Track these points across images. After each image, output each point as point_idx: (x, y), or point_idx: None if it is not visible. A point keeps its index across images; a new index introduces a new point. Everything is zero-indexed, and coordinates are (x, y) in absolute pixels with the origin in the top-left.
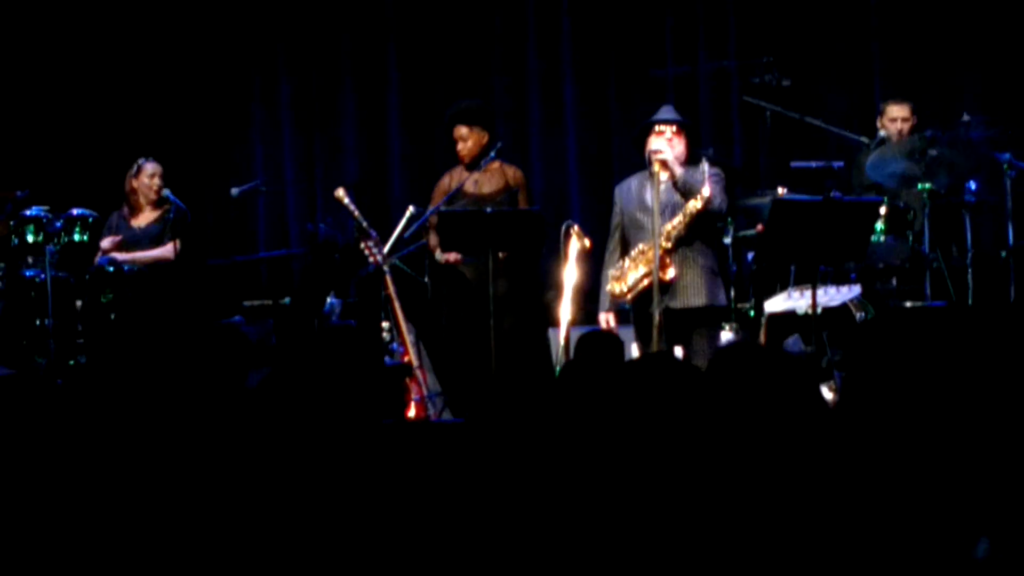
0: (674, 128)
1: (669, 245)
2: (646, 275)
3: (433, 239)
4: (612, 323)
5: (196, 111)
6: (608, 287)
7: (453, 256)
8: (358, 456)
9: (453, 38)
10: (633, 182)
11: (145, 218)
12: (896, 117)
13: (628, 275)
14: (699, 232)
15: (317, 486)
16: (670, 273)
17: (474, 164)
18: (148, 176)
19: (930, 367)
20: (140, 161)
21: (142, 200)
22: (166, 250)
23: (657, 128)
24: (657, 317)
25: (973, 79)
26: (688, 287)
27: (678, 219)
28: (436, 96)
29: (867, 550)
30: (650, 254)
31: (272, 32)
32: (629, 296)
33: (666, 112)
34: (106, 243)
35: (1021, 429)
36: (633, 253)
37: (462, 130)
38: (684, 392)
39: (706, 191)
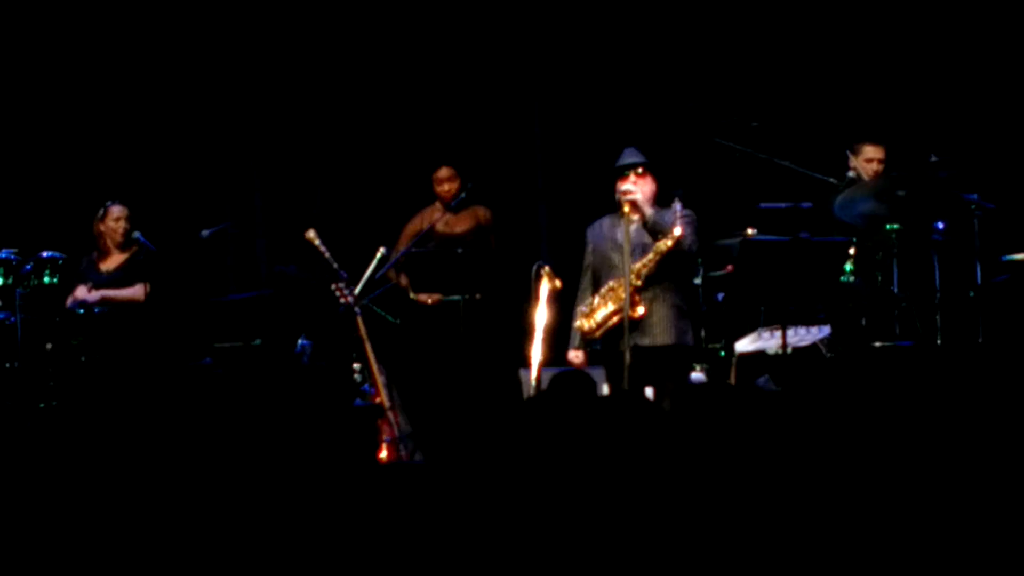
0: (639, 170)
1: (639, 283)
2: (616, 312)
3: (404, 280)
4: (581, 359)
5: (166, 152)
6: (577, 323)
7: (431, 297)
8: (331, 496)
9: (421, 80)
10: (605, 222)
11: (114, 261)
12: (872, 158)
13: (598, 312)
14: (669, 271)
15: (289, 525)
16: (639, 311)
17: (451, 204)
18: (114, 219)
19: (898, 405)
20: (107, 204)
21: (109, 243)
22: (136, 291)
23: (625, 172)
24: (627, 357)
25: (939, 120)
26: (656, 325)
27: (648, 257)
28: (405, 138)
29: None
30: (620, 291)
31: (243, 73)
32: (598, 333)
33: (629, 155)
34: (80, 292)
35: (989, 462)
36: (603, 290)
37: (447, 171)
38: (651, 431)
39: (677, 231)
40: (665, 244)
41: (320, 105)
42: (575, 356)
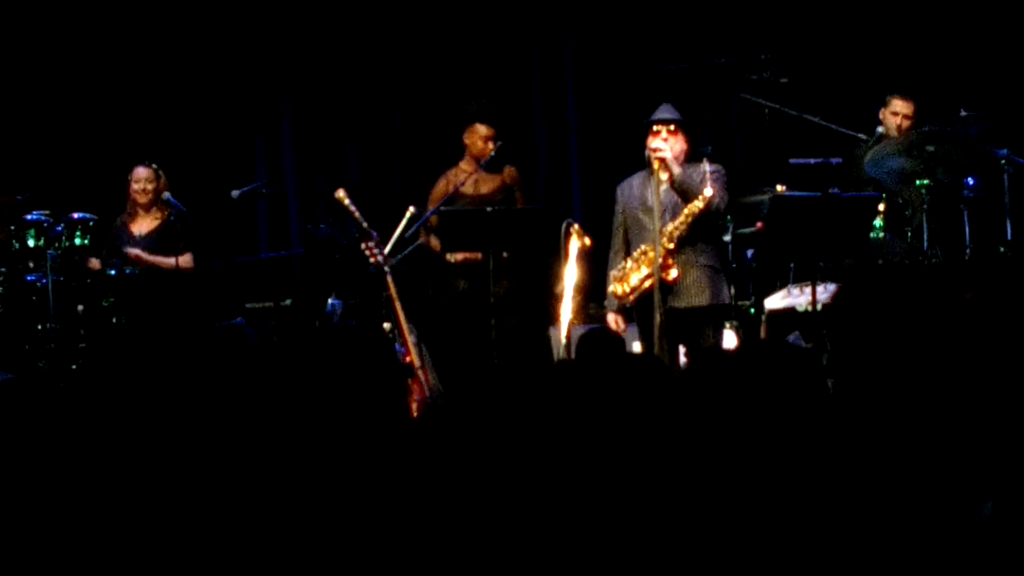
0: (672, 127)
1: (671, 246)
2: (648, 276)
3: (434, 240)
4: (621, 324)
5: (197, 113)
6: (611, 288)
7: (462, 255)
8: (361, 456)
9: (455, 39)
10: (635, 181)
11: (145, 224)
12: (899, 112)
13: (630, 276)
14: (700, 231)
15: (320, 486)
16: (672, 274)
17: (483, 163)
18: (135, 181)
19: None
20: (134, 167)
21: (137, 206)
22: (185, 260)
23: (655, 128)
24: (658, 318)
25: (970, 75)
26: (691, 287)
27: (680, 219)
28: (438, 96)
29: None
30: (652, 255)
31: (276, 34)
32: (632, 297)
33: (664, 111)
34: (94, 262)
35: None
36: (635, 254)
37: (488, 130)
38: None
39: (708, 191)
40: (695, 206)
41: (350, 64)
42: (614, 321)
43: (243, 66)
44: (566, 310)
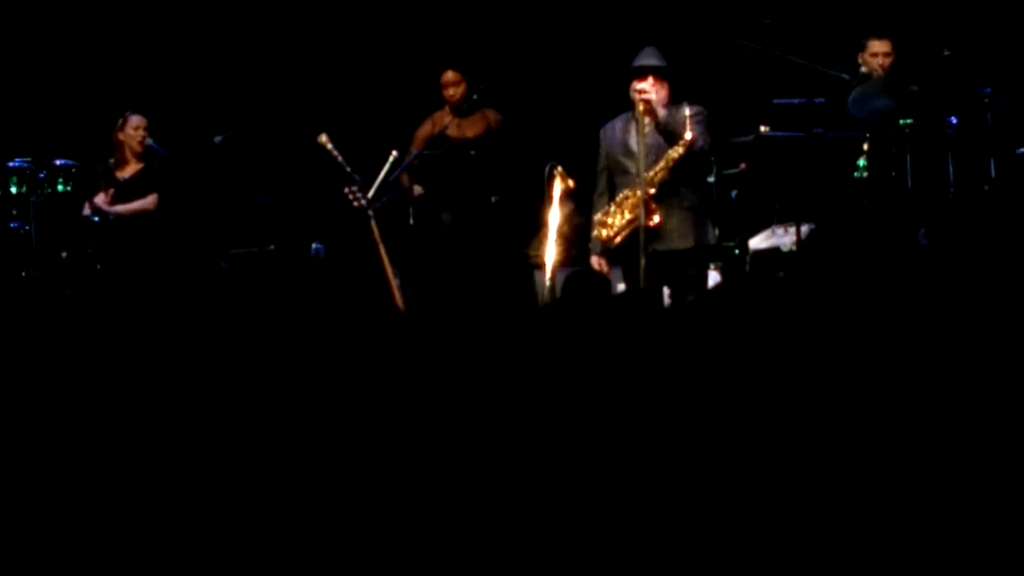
0: (657, 73)
1: (654, 191)
2: (633, 220)
3: (417, 188)
4: (604, 267)
5: (177, 60)
6: (595, 232)
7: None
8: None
9: None
10: (617, 124)
11: (130, 169)
12: (878, 52)
13: (614, 220)
14: (683, 174)
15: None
16: (655, 219)
17: (461, 108)
18: (133, 128)
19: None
20: (126, 113)
21: (128, 152)
22: (147, 202)
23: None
24: (643, 261)
25: (952, 14)
26: (675, 230)
27: (661, 164)
28: (417, 41)
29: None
30: (635, 199)
31: None
32: (616, 240)
33: (649, 54)
34: (99, 198)
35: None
36: (618, 198)
37: (454, 75)
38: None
39: (688, 134)
40: (676, 151)
41: (328, 8)
42: (598, 263)
43: (223, 10)
44: (550, 252)
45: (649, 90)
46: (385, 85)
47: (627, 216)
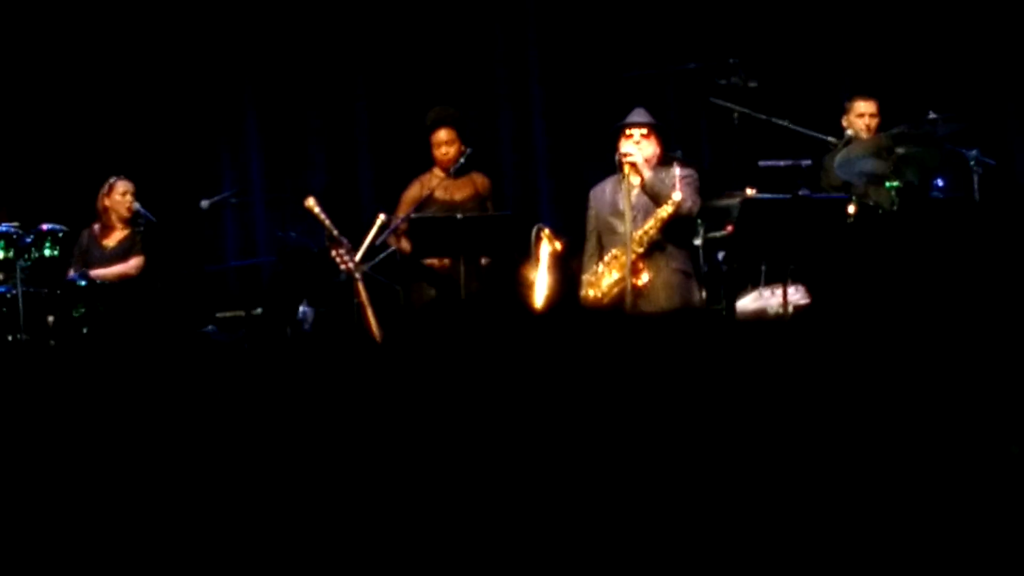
0: (644, 131)
1: (641, 250)
2: (621, 280)
3: (405, 243)
4: None
5: (165, 125)
6: (583, 292)
7: (440, 261)
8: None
9: (419, 46)
10: (607, 186)
11: (115, 237)
12: (864, 112)
13: (602, 280)
14: (671, 235)
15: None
16: (643, 278)
17: (451, 169)
18: (120, 194)
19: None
20: (112, 179)
21: (114, 218)
22: (128, 266)
23: (627, 131)
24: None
25: (937, 76)
26: (661, 291)
27: (650, 223)
28: (403, 104)
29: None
30: (623, 259)
31: (239, 46)
32: (605, 301)
33: (637, 115)
34: (71, 275)
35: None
36: (607, 258)
37: (447, 134)
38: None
39: (676, 195)
40: (666, 210)
41: (317, 72)
42: None
43: (207, 76)
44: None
45: (632, 150)
46: (373, 148)
47: (615, 275)
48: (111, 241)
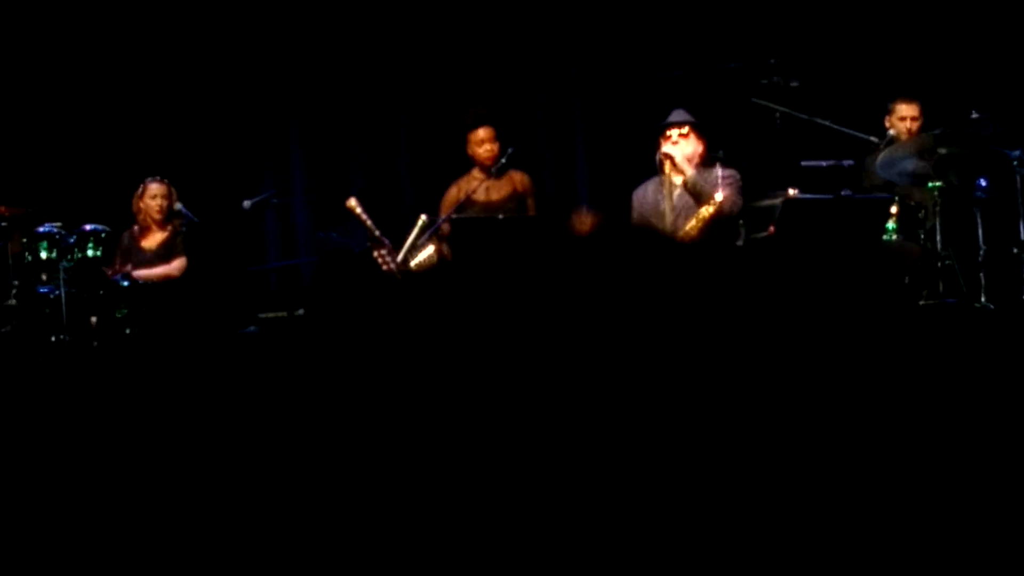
0: (684, 130)
1: None
2: None
3: (447, 248)
4: None
5: (207, 126)
6: None
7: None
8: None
9: (460, 46)
10: (649, 187)
11: (156, 238)
12: (905, 116)
13: None
14: (713, 236)
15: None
16: None
17: (492, 168)
18: (151, 196)
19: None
20: (145, 181)
21: (149, 219)
22: (171, 267)
23: (667, 132)
24: None
25: (980, 76)
26: None
27: (691, 223)
28: (444, 104)
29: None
30: None
31: (282, 49)
32: None
33: (676, 115)
34: (136, 272)
35: None
36: None
37: (488, 132)
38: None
39: (718, 196)
40: (707, 210)
41: (358, 73)
42: None
43: (249, 78)
44: None
45: (672, 150)
46: (413, 148)
47: None
48: (150, 242)
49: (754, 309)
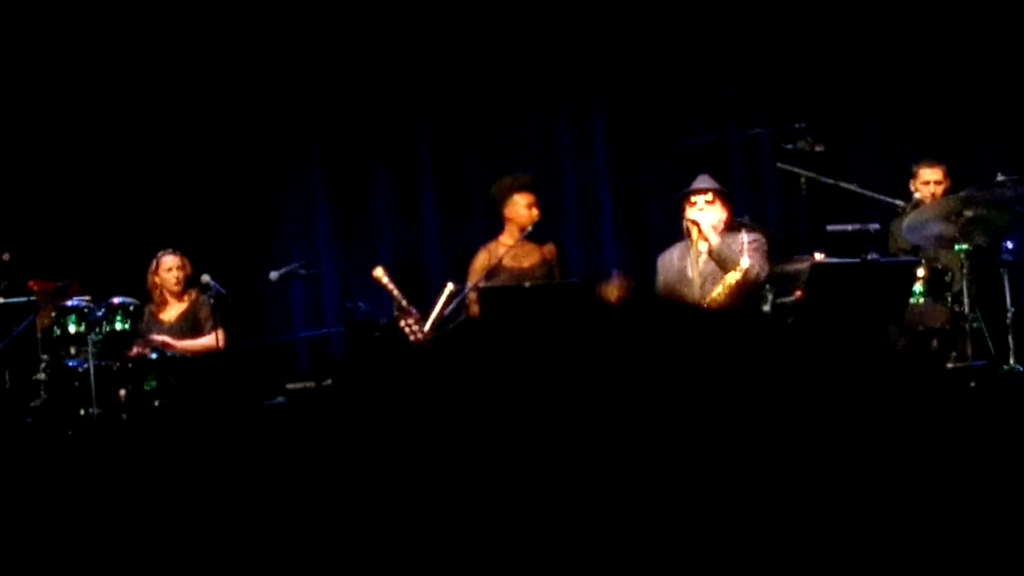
0: (708, 197)
1: None
2: None
3: (476, 308)
4: None
5: (233, 197)
6: None
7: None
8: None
9: (484, 113)
10: (675, 253)
11: (174, 311)
12: (929, 180)
13: None
14: (741, 302)
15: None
16: None
17: (526, 232)
18: (166, 270)
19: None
20: (157, 255)
21: (166, 293)
22: (210, 339)
23: (691, 199)
24: None
25: (1005, 138)
26: None
27: (718, 290)
28: (470, 171)
29: None
30: None
31: (303, 114)
32: None
33: (701, 181)
34: (158, 339)
35: None
36: None
37: (527, 197)
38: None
39: (744, 262)
40: (733, 277)
41: (383, 145)
42: None
43: (274, 148)
44: None
45: (699, 216)
46: (440, 217)
47: None
48: (170, 315)
49: (783, 379)
